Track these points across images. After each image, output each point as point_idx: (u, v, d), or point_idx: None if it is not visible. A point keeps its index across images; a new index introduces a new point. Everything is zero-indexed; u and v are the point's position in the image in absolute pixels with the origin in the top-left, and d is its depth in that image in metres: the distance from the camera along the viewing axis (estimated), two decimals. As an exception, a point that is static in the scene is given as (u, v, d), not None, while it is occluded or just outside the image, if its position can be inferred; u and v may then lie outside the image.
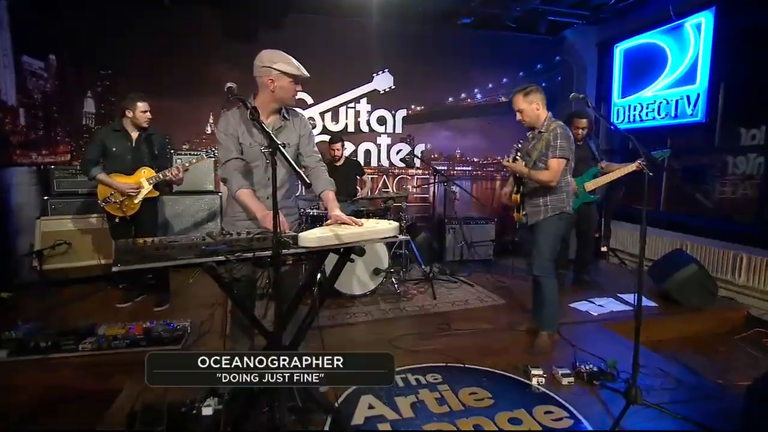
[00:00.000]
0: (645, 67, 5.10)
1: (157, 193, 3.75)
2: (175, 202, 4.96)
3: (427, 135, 6.08)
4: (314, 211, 4.27)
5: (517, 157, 3.07)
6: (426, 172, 6.13)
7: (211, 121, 5.49)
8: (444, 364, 2.91)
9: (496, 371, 2.85)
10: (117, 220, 3.62)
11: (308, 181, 1.64)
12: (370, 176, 5.92)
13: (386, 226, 2.08)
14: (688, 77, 4.57)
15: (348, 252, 2.01)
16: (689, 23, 4.56)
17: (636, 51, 5.24)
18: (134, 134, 3.67)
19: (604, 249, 5.76)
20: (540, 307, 3.17)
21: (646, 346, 3.41)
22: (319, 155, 2.41)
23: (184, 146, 5.41)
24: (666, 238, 4.97)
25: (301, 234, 1.85)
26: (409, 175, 6.12)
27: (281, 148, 1.67)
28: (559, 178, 2.93)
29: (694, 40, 4.52)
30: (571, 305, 4.06)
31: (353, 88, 5.72)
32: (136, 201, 3.60)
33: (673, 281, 3.96)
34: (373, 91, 5.80)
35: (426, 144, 6.08)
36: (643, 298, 4.14)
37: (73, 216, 4.38)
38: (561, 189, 3.00)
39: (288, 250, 1.79)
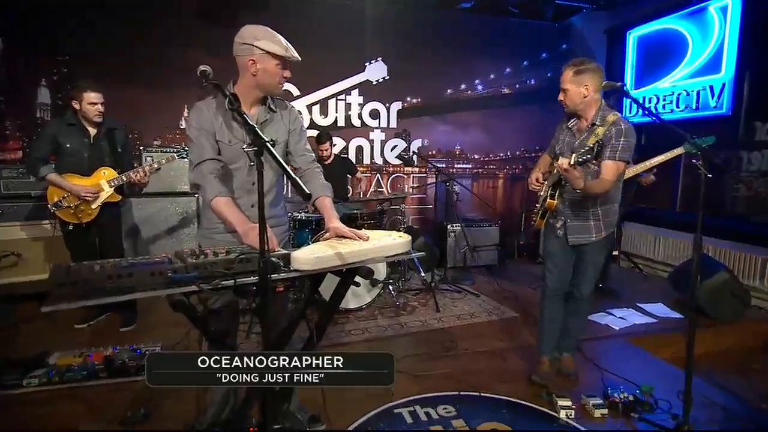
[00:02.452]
0: (662, 55, 4.87)
1: (120, 198, 3.38)
2: (144, 206, 4.56)
3: (425, 130, 5.78)
4: (302, 214, 3.95)
5: (569, 158, 2.30)
6: (423, 170, 5.84)
7: (186, 114, 5.11)
8: (457, 393, 2.63)
9: (518, 401, 2.58)
10: (71, 227, 3.25)
11: (307, 191, 1.31)
12: (362, 174, 5.60)
13: (397, 241, 1.78)
14: (712, 65, 4.35)
15: (352, 273, 1.70)
16: (713, 6, 4.33)
17: (652, 38, 5.02)
18: (92, 129, 3.29)
19: (615, 252, 5.54)
20: (572, 332, 2.87)
21: (676, 365, 3.23)
22: (313, 154, 2.09)
23: (154, 142, 5.03)
24: (684, 241, 4.76)
25: (294, 253, 1.53)
26: (405, 174, 5.82)
27: (269, 146, 1.34)
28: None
29: (719, 25, 4.30)
30: (590, 318, 3.80)
31: (343, 79, 5.39)
32: (93, 206, 3.23)
33: (702, 290, 3.72)
34: (365, 81, 5.48)
35: (423, 140, 5.79)
36: (668, 309, 4.01)
37: (23, 222, 3.96)
38: (614, 198, 2.53)
39: (278, 274, 1.48)
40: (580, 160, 2.19)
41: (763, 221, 4.23)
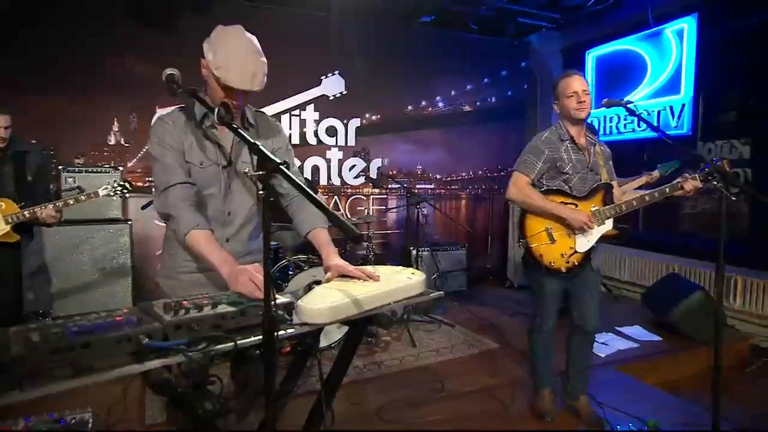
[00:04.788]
0: (621, 75, 5.08)
1: (18, 238, 2.89)
2: (64, 235, 4.00)
3: (385, 148, 5.63)
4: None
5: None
6: (384, 191, 5.65)
7: (116, 128, 4.61)
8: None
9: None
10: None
11: (357, 231, 1.06)
12: (320, 196, 5.31)
13: (413, 280, 1.56)
14: (671, 87, 4.59)
15: (365, 322, 1.45)
16: (670, 29, 4.59)
17: (611, 58, 5.24)
18: None
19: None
20: (586, 371, 2.78)
21: (663, 388, 3.25)
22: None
23: (76, 161, 4.46)
24: (651, 261, 4.90)
25: (303, 303, 1.25)
26: (365, 195, 5.60)
27: (284, 170, 1.06)
28: None
29: (676, 48, 4.55)
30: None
31: (298, 93, 5.13)
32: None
33: (679, 312, 3.80)
34: (321, 96, 5.25)
35: (383, 159, 5.62)
36: (646, 332, 4.05)
37: None
38: None
39: (286, 330, 1.20)
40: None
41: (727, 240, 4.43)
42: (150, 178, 4.75)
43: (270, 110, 5.04)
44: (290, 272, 3.47)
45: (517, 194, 2.49)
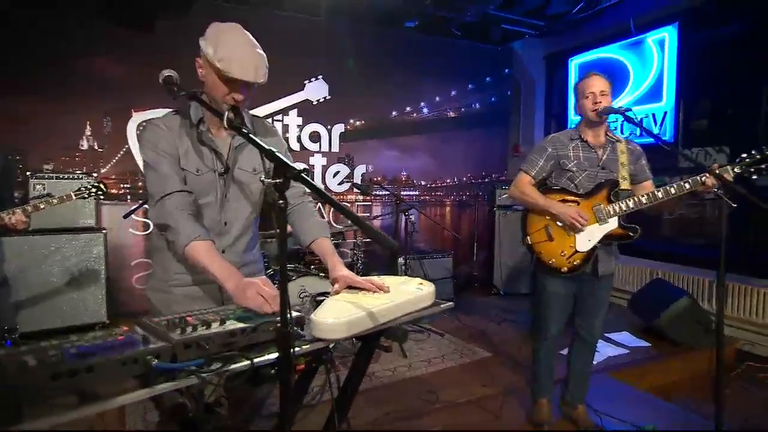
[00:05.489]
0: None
1: None
2: (33, 245, 3.82)
3: (369, 155, 5.59)
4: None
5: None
6: (368, 198, 5.61)
7: (89, 131, 4.43)
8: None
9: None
10: None
11: (395, 243, 1.01)
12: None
13: (423, 291, 1.53)
14: (654, 94, 4.70)
15: (377, 336, 1.40)
16: (651, 39, 4.72)
17: (594, 65, 5.35)
18: None
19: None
20: (587, 380, 2.77)
21: (655, 394, 3.30)
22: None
23: (45, 167, 4.27)
24: (634, 266, 5.00)
25: (317, 317, 1.20)
26: (349, 203, 5.55)
27: (305, 177, 1.01)
28: None
29: (657, 57, 4.67)
30: (562, 352, 3.78)
31: (280, 98, 5.06)
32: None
33: (666, 317, 3.87)
34: (304, 101, 5.19)
35: (368, 165, 5.58)
36: (634, 338, 4.12)
37: None
38: None
39: (301, 346, 1.14)
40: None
41: (708, 246, 4.57)
42: (126, 185, 4.59)
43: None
44: (276, 281, 3.40)
45: (515, 191, 2.54)
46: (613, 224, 2.39)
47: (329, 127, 5.34)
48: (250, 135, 1.16)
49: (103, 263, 4.11)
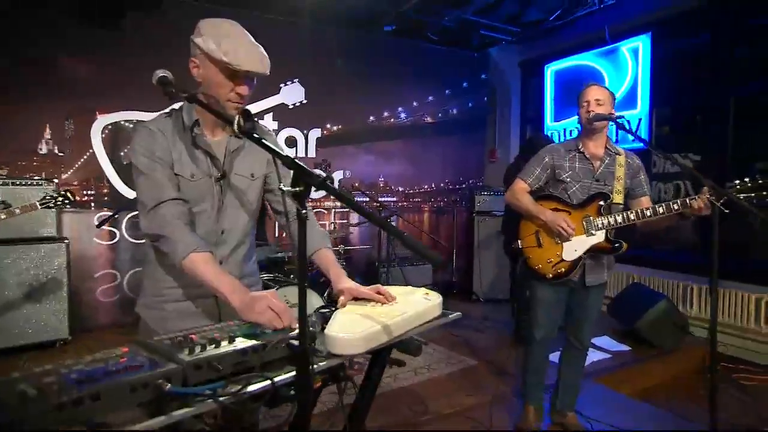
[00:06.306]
0: (579, 89, 5.33)
1: None
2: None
3: (347, 160, 5.56)
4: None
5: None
6: (345, 204, 5.56)
7: (48, 135, 4.22)
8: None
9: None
10: None
11: (438, 257, 0.97)
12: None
13: (432, 302, 1.51)
14: (629, 102, 4.86)
15: (389, 349, 1.37)
16: (625, 47, 4.88)
17: (569, 72, 5.49)
18: None
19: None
20: (576, 387, 2.80)
21: (638, 398, 3.38)
22: None
23: (0, 171, 4.04)
24: (615, 272, 5.13)
25: (332, 332, 1.16)
26: (326, 210, 5.48)
27: (329, 185, 0.97)
28: None
29: (631, 65, 4.84)
30: (554, 360, 3.84)
31: (256, 101, 4.96)
32: None
33: (646, 321, 3.98)
34: (280, 105, 5.11)
35: (345, 171, 5.54)
36: (615, 342, 4.21)
37: None
38: None
39: (318, 363, 1.10)
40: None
41: (681, 249, 4.75)
42: (90, 192, 4.39)
43: (225, 119, 4.84)
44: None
45: (509, 196, 2.62)
46: (600, 237, 2.44)
47: (305, 131, 5.28)
48: (263, 140, 1.11)
49: (66, 276, 3.92)
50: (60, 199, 2.93)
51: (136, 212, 1.91)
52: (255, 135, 1.12)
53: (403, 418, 2.90)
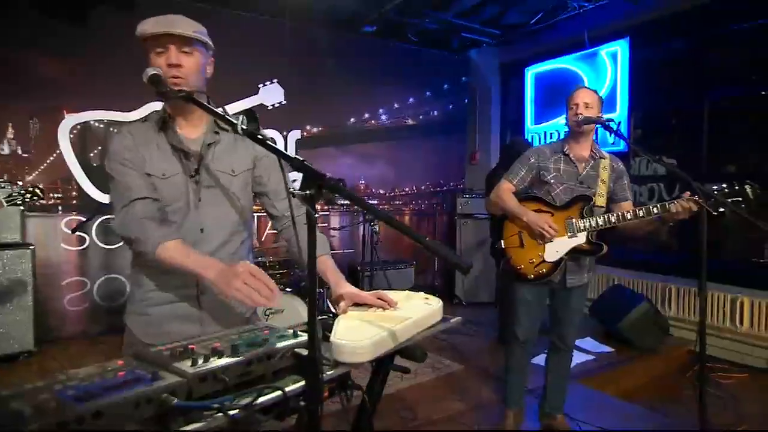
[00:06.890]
0: (559, 92, 5.39)
1: None
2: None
3: (327, 162, 5.51)
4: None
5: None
6: (325, 207, 5.51)
7: (11, 135, 4.05)
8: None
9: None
10: None
11: (466, 264, 0.95)
12: (255, 215, 5.05)
13: (433, 306, 1.50)
14: (608, 105, 4.95)
15: (393, 356, 1.35)
16: (604, 51, 4.99)
17: (549, 76, 5.58)
18: None
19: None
20: (562, 389, 2.83)
21: (623, 398, 3.44)
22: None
23: (-40, 174, 3.86)
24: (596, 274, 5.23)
25: (339, 340, 1.13)
26: (306, 212, 5.41)
27: (342, 187, 0.95)
28: None
29: (611, 69, 4.95)
30: (533, 361, 3.86)
31: (233, 102, 4.87)
32: None
33: (627, 322, 4.06)
34: (259, 105, 5.03)
35: (325, 173, 5.47)
36: (598, 343, 4.29)
37: None
38: None
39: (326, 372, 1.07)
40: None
41: (660, 251, 4.88)
42: (57, 195, 4.22)
43: (201, 119, 4.73)
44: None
45: (493, 196, 2.64)
46: (581, 239, 2.48)
47: (285, 133, 5.22)
48: (268, 141, 1.07)
49: (31, 283, 3.75)
50: (29, 195, 2.77)
51: (109, 216, 1.86)
52: (258, 136, 1.09)
53: (393, 425, 2.88)
